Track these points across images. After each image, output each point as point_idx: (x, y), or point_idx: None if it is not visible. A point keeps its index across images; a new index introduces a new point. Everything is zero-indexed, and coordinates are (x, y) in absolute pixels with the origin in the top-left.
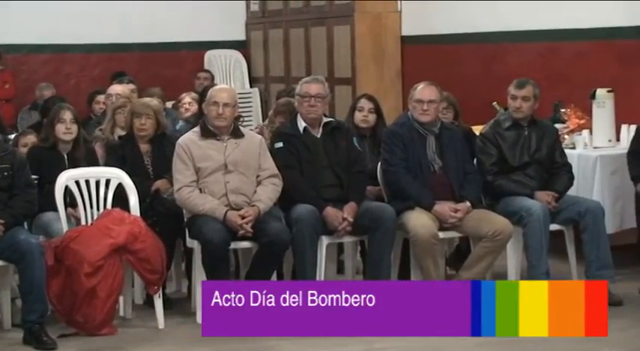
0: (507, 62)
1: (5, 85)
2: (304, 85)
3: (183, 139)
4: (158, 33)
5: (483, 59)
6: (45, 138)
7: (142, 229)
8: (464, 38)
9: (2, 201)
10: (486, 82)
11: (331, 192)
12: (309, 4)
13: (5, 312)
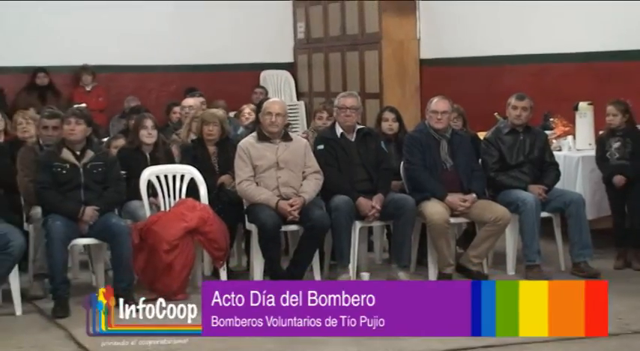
0: (505, 80)
1: (99, 98)
2: (341, 99)
3: (243, 142)
4: (223, 56)
5: (486, 78)
6: (131, 141)
7: (210, 215)
8: (470, 61)
9: (97, 191)
10: (488, 97)
11: (363, 185)
12: (344, 33)
13: (100, 281)
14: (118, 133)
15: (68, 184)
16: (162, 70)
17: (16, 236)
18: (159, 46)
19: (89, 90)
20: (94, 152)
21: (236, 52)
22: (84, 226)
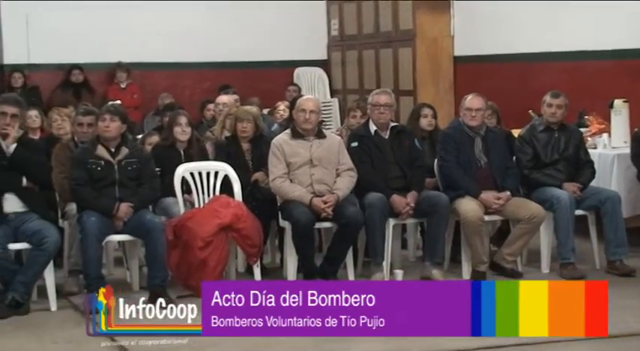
0: (540, 78)
1: (133, 95)
2: (375, 96)
3: (277, 139)
4: (257, 53)
5: (520, 75)
6: (165, 138)
7: (244, 212)
8: (504, 58)
9: (132, 188)
10: (523, 94)
11: (397, 183)
12: (378, 30)
13: (134, 277)
14: (152, 130)
15: (103, 181)
16: (196, 67)
17: (51, 232)
18: (193, 44)
19: (124, 87)
20: (128, 149)
21: (270, 50)
22: (118, 222)
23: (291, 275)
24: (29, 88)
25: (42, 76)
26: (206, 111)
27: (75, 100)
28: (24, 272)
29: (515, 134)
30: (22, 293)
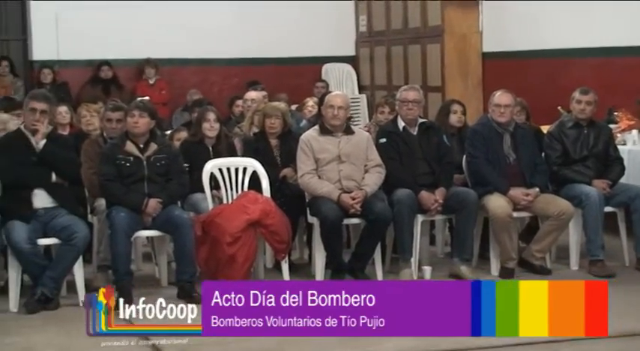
0: (569, 74)
1: (162, 91)
2: (403, 92)
3: (305, 135)
4: (285, 49)
5: (549, 71)
6: (194, 134)
7: (272, 208)
8: (533, 54)
9: (160, 184)
10: (551, 90)
11: (425, 179)
12: (407, 26)
13: (163, 272)
14: (181, 126)
15: (132, 177)
16: (224, 63)
17: (81, 228)
18: (221, 40)
19: (152, 83)
20: (157, 145)
21: (298, 46)
22: (147, 218)
23: (319, 271)
24: (58, 84)
25: (71, 73)
26: (234, 107)
27: (104, 96)
28: (53, 267)
29: (544, 131)
30: (51, 288)
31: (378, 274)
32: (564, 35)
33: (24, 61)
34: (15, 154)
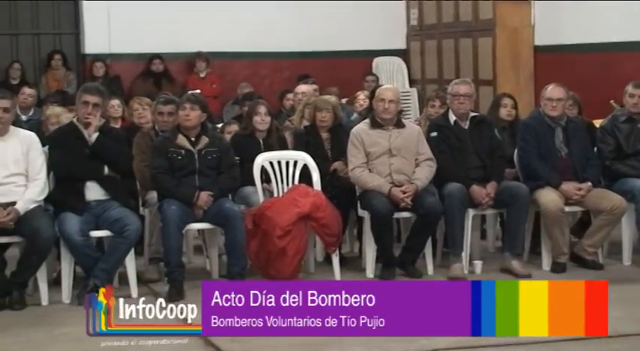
0: (622, 67)
1: (213, 84)
2: (455, 86)
3: (356, 129)
4: (336, 42)
5: (602, 65)
6: (245, 127)
7: (323, 201)
8: (585, 48)
9: (212, 177)
10: (604, 84)
11: (476, 173)
12: (458, 19)
13: (214, 265)
14: (232, 120)
15: (183, 170)
16: (275, 56)
17: (132, 220)
18: (272, 33)
19: (203, 76)
20: (208, 138)
21: (349, 39)
22: (198, 211)
23: (370, 265)
24: (111, 77)
25: (123, 66)
26: (285, 100)
27: (155, 89)
28: (105, 259)
29: (597, 125)
30: (103, 280)
31: (428, 269)
32: (617, 28)
33: (76, 55)
34: (68, 147)
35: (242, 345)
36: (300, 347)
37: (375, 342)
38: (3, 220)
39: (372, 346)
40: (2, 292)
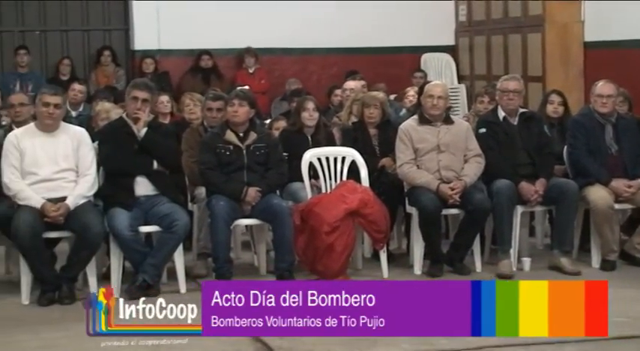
0: None
1: (261, 80)
2: (504, 82)
3: (404, 125)
4: (384, 38)
5: None
6: (293, 123)
7: (371, 197)
8: (636, 43)
9: (260, 173)
10: None
11: (525, 170)
12: (507, 15)
13: (262, 261)
14: (280, 115)
15: (232, 166)
16: (323, 52)
17: (181, 215)
18: (320, 29)
19: (252, 72)
20: (257, 134)
21: (397, 35)
22: (246, 206)
23: (418, 262)
24: (160, 73)
25: (172, 62)
26: (333, 96)
27: (204, 85)
28: (154, 255)
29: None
30: (152, 275)
31: (477, 265)
32: None
33: (126, 51)
34: (117, 142)
35: (290, 342)
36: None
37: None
38: (53, 215)
39: (418, 342)
40: (52, 286)
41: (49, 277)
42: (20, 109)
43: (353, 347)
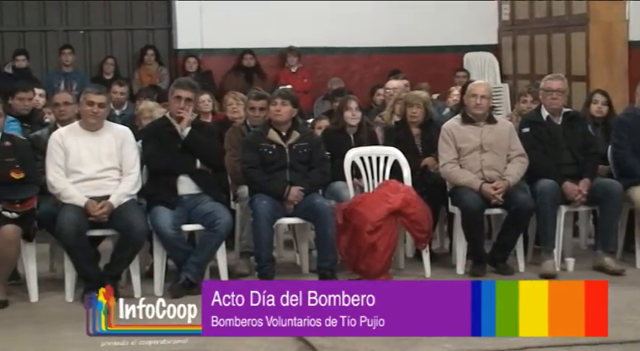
0: None
1: (304, 79)
2: (547, 82)
3: (447, 124)
4: (427, 38)
5: None
6: (336, 122)
7: (414, 197)
8: None
9: (302, 172)
10: None
11: (568, 169)
12: (551, 14)
13: (304, 260)
14: (322, 115)
15: (274, 165)
16: (365, 52)
17: (223, 214)
18: (363, 29)
19: (294, 71)
20: (299, 133)
21: (440, 34)
22: (289, 205)
23: (460, 261)
24: (203, 72)
25: (214, 61)
26: (376, 95)
27: (246, 84)
28: (197, 253)
29: None
30: (195, 274)
31: (520, 265)
32: None
33: (169, 50)
34: (161, 141)
35: (332, 341)
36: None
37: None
38: (97, 213)
39: (460, 342)
40: (95, 284)
41: (92, 274)
42: (65, 108)
43: (395, 346)
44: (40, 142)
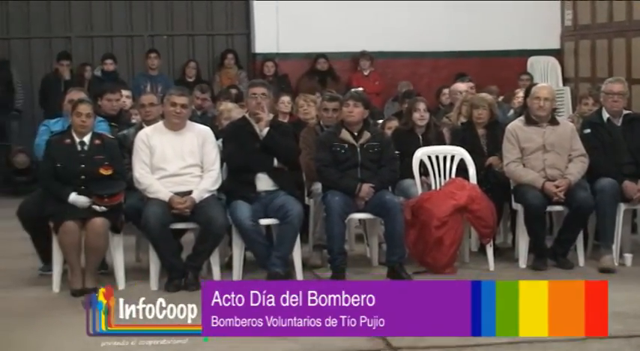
0: None
1: (375, 82)
2: (608, 85)
3: (511, 125)
4: (492, 42)
5: None
6: (405, 123)
7: (479, 194)
8: None
9: (373, 170)
10: None
11: (628, 169)
12: (612, 20)
13: (374, 253)
14: (392, 116)
15: (346, 163)
16: (433, 56)
17: (293, 205)
18: (431, 34)
19: (367, 75)
20: (370, 133)
21: (504, 39)
22: (360, 201)
23: (522, 256)
24: (280, 76)
25: (290, 65)
26: (442, 95)
27: (320, 87)
28: (278, 248)
29: None
30: (281, 266)
31: (579, 260)
32: None
33: (247, 54)
34: (241, 140)
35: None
36: None
37: None
38: (180, 207)
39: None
40: (179, 273)
41: (176, 265)
42: (150, 109)
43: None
44: (127, 140)
